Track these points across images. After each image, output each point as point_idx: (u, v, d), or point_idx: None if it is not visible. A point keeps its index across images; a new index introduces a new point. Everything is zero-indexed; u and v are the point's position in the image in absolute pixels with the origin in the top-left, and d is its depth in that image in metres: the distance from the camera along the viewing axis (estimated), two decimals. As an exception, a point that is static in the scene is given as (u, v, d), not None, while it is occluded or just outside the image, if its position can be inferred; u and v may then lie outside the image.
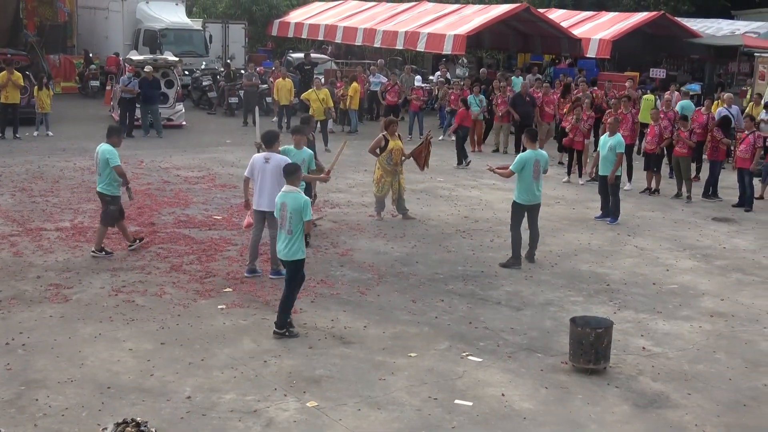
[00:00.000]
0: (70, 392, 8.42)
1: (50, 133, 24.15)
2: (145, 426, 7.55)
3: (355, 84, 26.86)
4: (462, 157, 21.75)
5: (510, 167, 13.29)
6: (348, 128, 27.03)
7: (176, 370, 9.00)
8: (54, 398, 8.28)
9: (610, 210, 16.25)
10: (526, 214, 13.34)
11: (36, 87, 24.55)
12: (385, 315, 10.88)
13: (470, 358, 9.65)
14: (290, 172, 10.20)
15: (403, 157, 15.79)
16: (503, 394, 8.75)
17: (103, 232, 13.09)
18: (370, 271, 12.67)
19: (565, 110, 21.07)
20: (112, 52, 33.92)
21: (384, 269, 12.83)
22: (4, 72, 23.39)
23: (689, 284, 12.69)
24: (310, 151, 13.18)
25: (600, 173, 16.42)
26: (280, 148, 12.23)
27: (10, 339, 9.65)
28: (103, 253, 12.94)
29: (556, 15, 36.96)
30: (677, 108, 21.43)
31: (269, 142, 12.20)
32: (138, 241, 13.45)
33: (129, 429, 7.48)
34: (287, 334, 10.04)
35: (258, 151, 12.85)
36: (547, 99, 23.70)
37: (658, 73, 30.78)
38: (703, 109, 20.50)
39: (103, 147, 13.08)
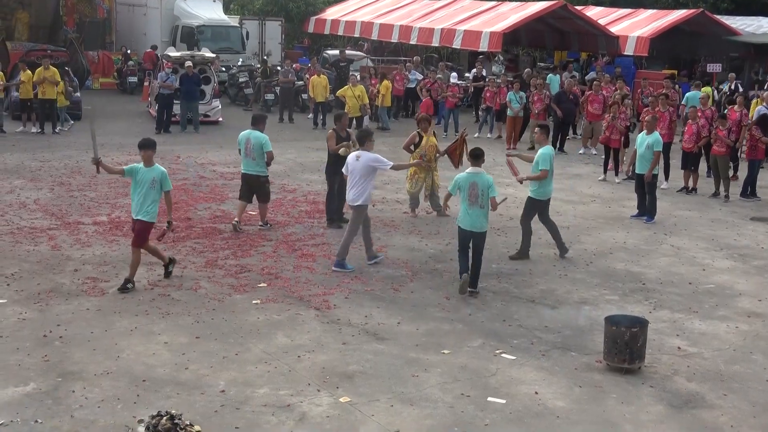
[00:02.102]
0: (106, 384, 8.51)
1: (61, 129, 24.09)
2: (179, 419, 7.61)
3: (386, 81, 26.82)
4: None
5: (543, 168, 13.21)
6: (382, 125, 27.03)
7: (211, 364, 9.07)
8: (90, 390, 8.37)
9: (647, 209, 16.12)
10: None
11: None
12: (419, 312, 10.89)
13: (504, 355, 9.63)
14: (477, 156, 11.67)
15: (437, 154, 15.77)
16: (537, 392, 8.72)
17: (265, 209, 14.61)
18: (403, 268, 12.68)
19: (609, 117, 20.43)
20: (149, 48, 34.18)
21: (418, 266, 12.83)
22: (40, 68, 23.65)
23: (726, 284, 12.56)
24: (162, 169, 11.63)
25: (637, 171, 16.31)
26: (124, 168, 11.85)
27: (47, 331, 9.77)
28: (268, 225, 14.49)
29: (593, 12, 36.72)
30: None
31: (361, 140, 12.88)
32: (268, 224, 14.54)
33: (163, 421, 7.53)
34: (477, 293, 11.56)
35: (97, 170, 12.35)
36: (593, 98, 23.28)
37: (715, 67, 30.54)
38: (736, 107, 20.25)
39: (255, 133, 14.34)
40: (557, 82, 28.21)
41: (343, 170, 12.97)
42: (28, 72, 23.66)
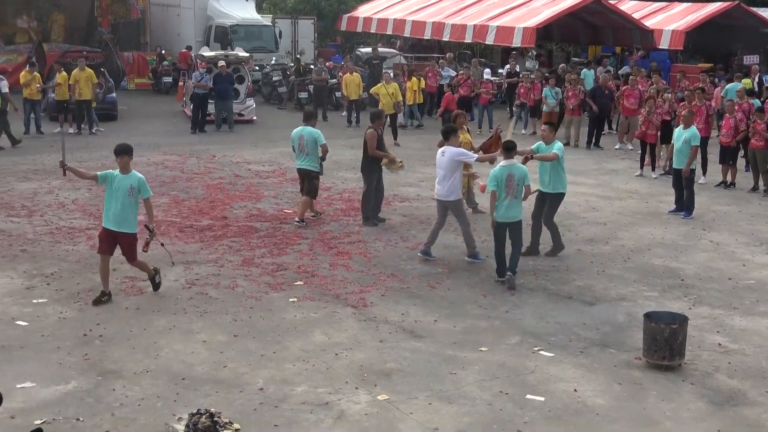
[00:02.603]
0: (146, 383, 8.58)
1: (98, 129, 24.19)
2: (218, 417, 7.66)
3: (414, 78, 26.70)
4: None
5: (554, 151, 13.09)
6: (417, 122, 26.99)
7: (249, 362, 9.10)
8: (130, 388, 8.44)
9: (685, 204, 15.96)
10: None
11: None
12: (456, 309, 10.87)
13: (542, 353, 9.58)
14: (510, 148, 11.98)
15: (472, 151, 15.69)
16: (575, 390, 8.67)
17: (308, 204, 14.71)
18: (440, 265, 12.65)
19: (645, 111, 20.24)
20: (183, 48, 34.34)
21: (454, 263, 12.80)
22: (75, 69, 23.85)
23: (767, 279, 12.41)
24: (140, 175, 11.01)
25: (674, 166, 16.16)
26: (98, 173, 11.18)
27: (87, 330, 9.86)
28: (305, 223, 14.50)
29: (627, 6, 36.41)
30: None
31: (446, 135, 13.13)
32: (304, 222, 14.58)
33: (203, 420, 7.58)
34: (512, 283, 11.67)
35: (64, 173, 11.38)
36: (629, 93, 23.06)
37: (752, 59, 30.19)
38: None
39: (308, 129, 14.63)
40: (592, 77, 28.02)
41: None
42: (64, 73, 23.88)
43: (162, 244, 11.85)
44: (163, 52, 35.27)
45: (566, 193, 13.57)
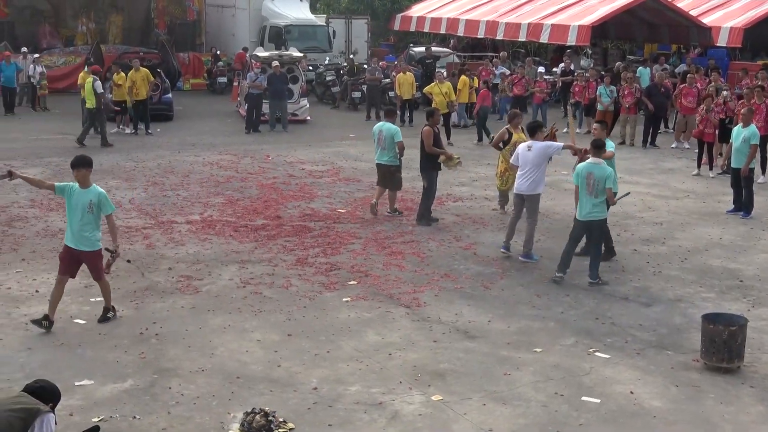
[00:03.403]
0: (201, 381, 8.65)
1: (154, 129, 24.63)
2: (273, 416, 7.70)
3: (463, 77, 26.54)
4: (482, 134, 23.21)
5: (610, 150, 12.95)
6: (472, 121, 26.87)
7: (303, 362, 9.13)
8: (186, 387, 8.51)
9: (743, 203, 15.70)
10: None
11: None
12: (510, 309, 10.80)
13: (597, 354, 9.48)
14: (598, 147, 11.83)
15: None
16: (632, 392, 8.56)
17: (395, 197, 15.33)
18: (493, 265, 12.59)
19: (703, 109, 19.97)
20: (240, 49, 34.57)
21: (508, 263, 12.73)
22: (131, 71, 24.12)
23: (829, 281, 12.16)
24: (100, 189, 10.11)
25: (732, 165, 15.90)
26: (56, 184, 10.26)
27: (143, 329, 9.97)
28: (397, 212, 15.24)
29: (684, 3, 35.89)
30: None
31: (532, 131, 13.21)
32: (397, 211, 15.30)
33: (257, 418, 7.63)
34: (599, 282, 11.66)
35: (10, 179, 10.26)
36: (687, 91, 22.73)
37: None
38: None
39: (387, 125, 15.14)
40: (648, 75, 27.70)
41: (512, 161, 13.33)
42: (122, 74, 24.16)
43: (129, 261, 11.97)
44: (218, 52, 35.60)
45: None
